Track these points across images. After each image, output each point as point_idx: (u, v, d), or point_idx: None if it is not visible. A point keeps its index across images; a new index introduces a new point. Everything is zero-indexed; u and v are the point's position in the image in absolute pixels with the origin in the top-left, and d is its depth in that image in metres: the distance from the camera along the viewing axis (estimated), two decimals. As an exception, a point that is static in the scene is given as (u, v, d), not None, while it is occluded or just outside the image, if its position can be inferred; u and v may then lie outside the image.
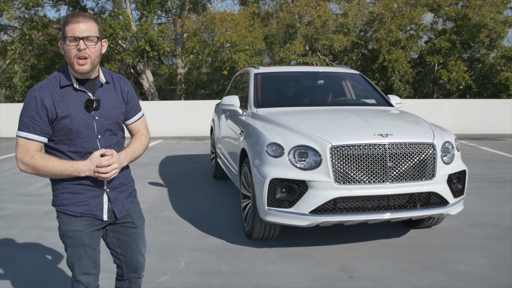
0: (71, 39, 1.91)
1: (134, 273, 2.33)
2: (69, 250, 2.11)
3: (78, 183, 2.03)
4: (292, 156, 3.70)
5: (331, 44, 16.68)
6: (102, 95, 2.07)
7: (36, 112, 1.94)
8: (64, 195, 2.05)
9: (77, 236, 2.06)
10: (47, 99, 1.95)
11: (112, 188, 2.12)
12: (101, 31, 2.01)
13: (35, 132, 1.95)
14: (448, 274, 3.49)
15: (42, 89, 1.96)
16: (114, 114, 2.09)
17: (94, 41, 1.94)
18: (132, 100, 2.21)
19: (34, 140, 1.96)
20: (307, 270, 3.58)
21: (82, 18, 1.92)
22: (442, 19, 18.66)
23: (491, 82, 17.84)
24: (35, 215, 5.18)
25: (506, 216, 4.97)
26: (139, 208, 2.32)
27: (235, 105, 5.11)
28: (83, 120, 1.98)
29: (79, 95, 2.00)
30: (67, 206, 2.05)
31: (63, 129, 1.97)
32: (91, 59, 1.95)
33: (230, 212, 5.24)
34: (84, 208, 2.05)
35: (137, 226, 2.27)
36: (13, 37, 19.39)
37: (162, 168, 8.17)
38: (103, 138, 2.05)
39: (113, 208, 2.12)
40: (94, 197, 2.07)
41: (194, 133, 13.77)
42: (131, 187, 2.25)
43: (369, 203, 3.65)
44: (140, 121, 2.28)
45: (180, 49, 19.64)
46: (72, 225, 2.06)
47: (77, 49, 1.91)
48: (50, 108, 1.95)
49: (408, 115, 4.71)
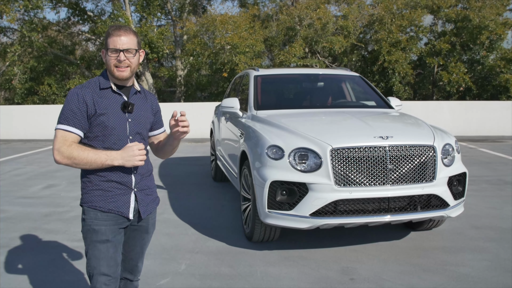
0: (113, 51, 2.12)
1: (129, 274, 2.40)
2: (91, 249, 2.15)
3: (108, 179, 2.15)
4: (292, 159, 3.70)
5: (331, 46, 16.69)
6: (136, 101, 2.25)
7: (77, 107, 2.10)
8: (94, 192, 2.16)
9: (102, 231, 2.14)
10: (88, 97, 2.12)
11: (139, 189, 2.24)
12: (139, 43, 2.21)
13: (74, 125, 2.10)
14: (449, 276, 3.49)
15: (83, 88, 2.15)
16: (144, 121, 2.27)
17: (132, 53, 2.15)
18: (158, 114, 2.43)
19: (73, 133, 2.10)
20: (308, 273, 3.58)
21: (124, 32, 2.13)
22: (442, 21, 18.69)
23: (490, 84, 17.85)
24: (35, 218, 5.17)
25: (507, 218, 4.97)
26: (155, 216, 2.43)
27: (235, 107, 5.11)
28: (118, 120, 2.15)
29: (116, 97, 2.19)
30: (96, 202, 2.16)
31: (100, 125, 2.12)
32: (131, 67, 2.17)
33: (230, 215, 5.24)
34: (112, 205, 2.16)
35: (149, 232, 2.38)
36: (12, 39, 19.39)
37: (162, 171, 8.16)
38: (134, 139, 2.20)
39: (139, 208, 2.24)
40: (122, 195, 2.18)
41: (193, 135, 13.75)
42: (155, 193, 2.39)
43: (369, 206, 3.65)
44: (163, 134, 2.48)
45: (179, 51, 19.65)
46: (98, 219, 2.15)
47: (117, 60, 2.12)
48: (90, 104, 2.11)
49: (408, 117, 4.71)
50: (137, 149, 2.11)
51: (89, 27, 20.18)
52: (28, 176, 7.83)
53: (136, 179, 2.22)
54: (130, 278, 2.40)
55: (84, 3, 19.56)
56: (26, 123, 14.21)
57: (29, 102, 18.86)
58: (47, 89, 18.59)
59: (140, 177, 2.24)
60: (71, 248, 4.15)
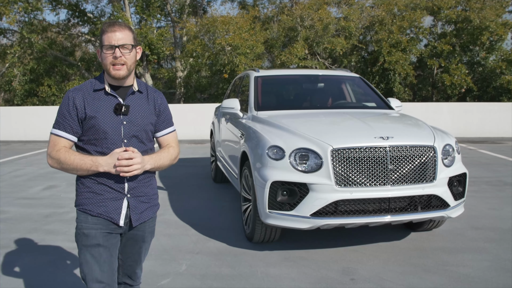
0: (108, 47, 2.03)
1: (128, 279, 2.31)
2: (82, 253, 2.08)
3: (99, 182, 2.07)
4: (293, 159, 3.70)
5: (333, 47, 16.71)
6: (133, 102, 2.14)
7: (67, 110, 2.06)
8: (85, 195, 2.10)
9: (92, 234, 2.06)
10: (78, 100, 2.06)
11: (133, 195, 2.13)
12: (135, 39, 2.12)
13: (64, 130, 2.06)
14: (449, 276, 3.49)
15: (75, 91, 2.09)
16: (142, 122, 2.14)
17: (129, 48, 2.06)
18: (164, 113, 2.27)
19: (63, 137, 2.06)
20: (308, 273, 3.58)
21: (118, 27, 2.05)
22: (442, 22, 18.71)
23: (491, 85, 17.86)
24: (35, 219, 5.17)
25: (506, 219, 4.97)
26: (154, 224, 2.31)
27: (235, 108, 5.11)
28: (110, 123, 2.07)
29: (109, 99, 2.10)
30: (87, 205, 2.09)
31: (91, 129, 2.06)
32: (127, 65, 2.07)
33: (230, 215, 5.24)
34: (102, 209, 2.08)
35: (146, 241, 2.27)
36: (12, 41, 19.38)
37: (162, 172, 8.16)
38: (129, 143, 2.10)
39: (131, 215, 2.13)
40: (114, 199, 2.09)
41: (193, 137, 13.77)
42: (154, 200, 2.25)
43: (370, 206, 3.65)
44: (170, 135, 2.32)
45: (179, 52, 19.66)
46: (88, 222, 2.08)
47: (113, 57, 2.03)
48: (80, 107, 2.05)
49: (408, 118, 4.71)
50: (121, 157, 1.98)
51: (89, 29, 20.19)
52: (28, 177, 7.83)
53: (130, 184, 2.11)
54: (129, 283, 2.32)
55: (84, 4, 19.58)
56: (26, 125, 14.21)
57: (29, 104, 18.86)
58: (47, 91, 18.60)
59: (136, 183, 2.13)
60: (71, 249, 4.14)
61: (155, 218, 2.31)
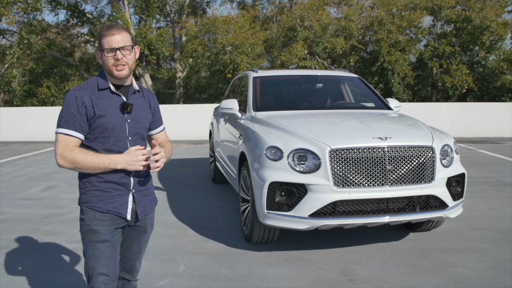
0: (109, 51, 2.10)
1: (127, 274, 2.40)
2: (90, 249, 2.15)
3: (106, 180, 2.15)
4: (291, 160, 3.70)
5: (333, 47, 16.71)
6: (135, 101, 2.24)
7: (76, 109, 2.08)
8: (92, 193, 2.16)
9: (101, 231, 2.14)
10: (87, 99, 2.10)
11: (137, 190, 2.25)
12: (133, 39, 2.18)
13: (74, 129, 2.09)
14: (448, 277, 3.49)
15: (81, 90, 2.13)
16: (143, 120, 2.26)
17: (129, 49, 2.13)
18: (157, 112, 2.42)
19: (74, 136, 2.09)
20: (307, 274, 3.58)
21: (116, 30, 2.11)
22: (441, 22, 18.71)
23: (491, 85, 17.85)
24: (34, 219, 5.17)
25: (506, 220, 4.97)
26: (153, 216, 2.42)
27: (234, 108, 5.11)
28: (117, 121, 2.14)
29: (115, 98, 2.18)
30: (95, 202, 2.15)
31: (99, 127, 2.11)
32: (129, 65, 2.15)
33: (229, 216, 5.24)
34: (110, 206, 2.16)
35: (147, 232, 2.38)
36: (11, 41, 19.38)
37: (161, 172, 8.15)
38: (133, 140, 2.20)
39: (136, 208, 2.24)
40: (120, 196, 2.19)
41: (192, 137, 13.77)
42: (152, 193, 2.39)
43: (368, 207, 3.65)
44: (163, 132, 2.49)
45: (179, 53, 19.66)
46: (97, 219, 2.15)
47: (114, 59, 2.10)
48: (89, 106, 2.10)
49: (407, 118, 4.71)
50: (141, 154, 2.12)
51: (88, 29, 20.21)
52: (27, 177, 7.82)
53: (135, 180, 2.22)
54: (128, 278, 2.40)
55: (83, 5, 19.60)
56: (25, 125, 14.21)
57: (28, 104, 18.86)
58: (46, 91, 18.59)
59: (139, 178, 2.24)
60: (70, 250, 4.15)
61: (154, 211, 2.42)
